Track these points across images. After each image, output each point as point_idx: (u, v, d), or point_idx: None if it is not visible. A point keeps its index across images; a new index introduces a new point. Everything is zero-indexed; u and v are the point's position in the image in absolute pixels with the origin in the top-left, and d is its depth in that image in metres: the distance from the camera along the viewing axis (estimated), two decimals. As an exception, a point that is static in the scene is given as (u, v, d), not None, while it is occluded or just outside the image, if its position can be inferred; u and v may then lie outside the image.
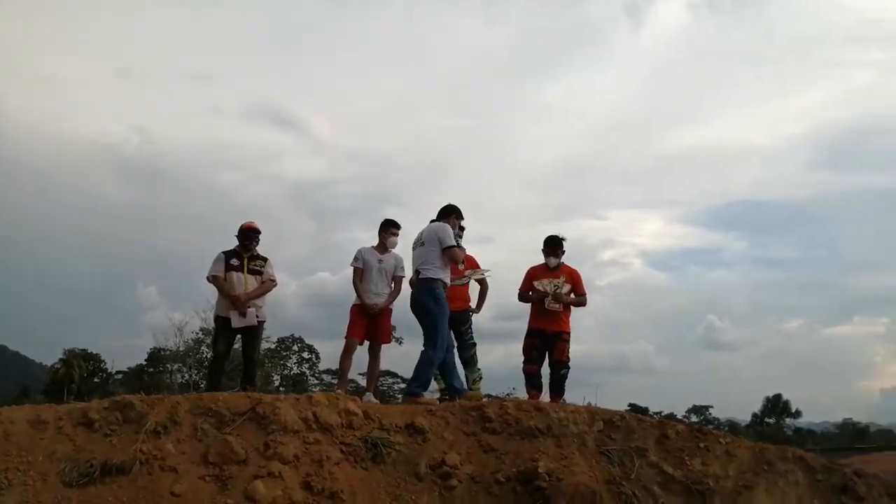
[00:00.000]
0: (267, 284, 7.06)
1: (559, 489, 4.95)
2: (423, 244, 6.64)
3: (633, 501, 5.10)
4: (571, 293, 7.48)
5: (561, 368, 7.30)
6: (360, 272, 7.14)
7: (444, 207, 6.92)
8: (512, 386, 6.87)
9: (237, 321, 6.71)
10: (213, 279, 6.85)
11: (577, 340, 7.51)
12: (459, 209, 6.92)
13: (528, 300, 7.58)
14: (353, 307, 7.15)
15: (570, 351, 7.43)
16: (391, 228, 7.31)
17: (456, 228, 6.83)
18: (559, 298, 7.39)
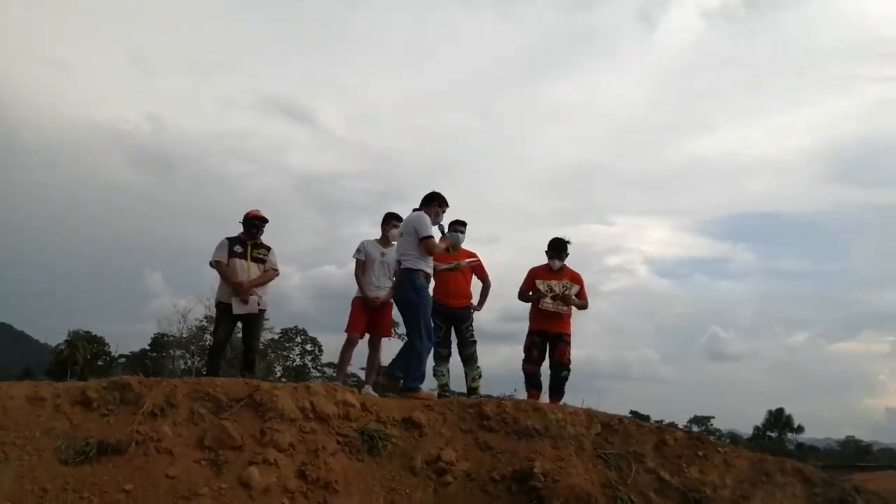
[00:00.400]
0: (269, 273, 7.05)
1: (554, 490, 4.92)
2: (402, 235, 6.63)
3: (628, 506, 5.07)
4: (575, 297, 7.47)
5: (562, 370, 7.27)
6: (362, 264, 7.13)
7: (426, 195, 6.81)
8: (514, 388, 6.86)
9: (238, 308, 6.70)
10: (215, 264, 6.84)
11: (580, 345, 7.50)
12: (442, 196, 6.79)
13: (528, 299, 7.56)
14: (354, 299, 7.14)
15: (570, 353, 7.40)
16: (393, 221, 7.28)
17: (439, 217, 6.74)
18: (568, 300, 7.36)
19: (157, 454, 4.47)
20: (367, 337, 7.17)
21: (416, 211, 6.70)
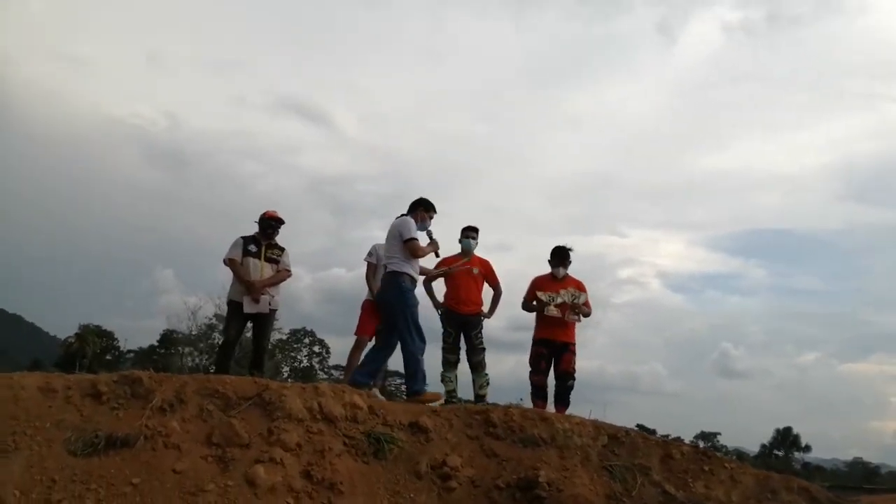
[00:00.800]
0: (282, 273, 7.09)
1: (558, 500, 4.92)
2: (387, 239, 6.61)
3: (632, 519, 5.05)
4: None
5: (568, 379, 7.25)
6: (373, 268, 7.16)
7: (413, 201, 6.76)
8: (520, 397, 6.85)
9: (250, 307, 6.74)
10: (229, 262, 6.88)
11: (589, 357, 7.53)
12: (429, 202, 6.75)
13: (531, 309, 7.55)
14: (364, 302, 7.16)
15: (576, 363, 7.38)
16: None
17: (426, 222, 6.67)
18: (578, 310, 7.36)
19: (164, 449, 4.49)
20: (374, 341, 7.19)
21: (402, 216, 6.67)
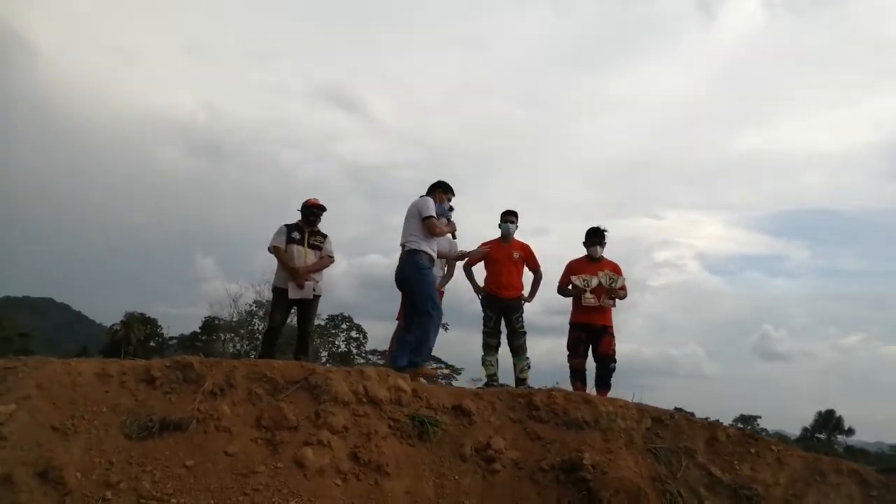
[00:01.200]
0: (325, 260, 7.17)
1: (603, 482, 4.92)
2: (406, 219, 6.61)
3: (677, 501, 5.04)
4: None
5: (610, 362, 7.21)
6: None
7: (432, 183, 6.84)
8: (556, 381, 6.83)
9: (294, 292, 6.85)
10: (274, 250, 6.99)
11: (625, 340, 7.46)
12: (447, 184, 6.84)
13: (566, 294, 7.51)
14: None
15: (615, 345, 7.34)
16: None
17: (445, 203, 6.76)
18: (616, 294, 7.31)
19: (216, 432, 4.62)
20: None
21: (421, 197, 6.69)
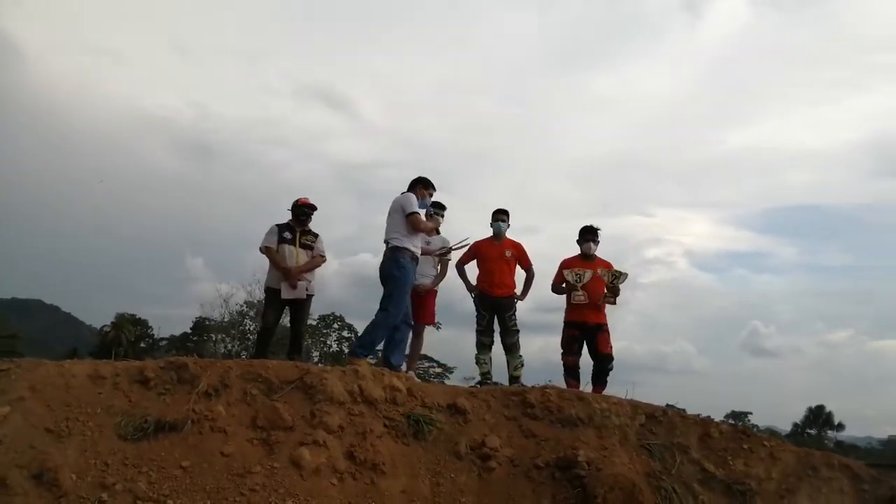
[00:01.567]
0: (317, 259, 7.16)
1: (598, 479, 4.95)
2: (389, 215, 6.57)
3: (672, 497, 5.06)
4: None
5: (609, 361, 7.21)
6: None
7: (413, 179, 6.77)
8: (549, 378, 6.86)
9: (287, 292, 6.83)
10: (265, 250, 6.97)
11: (616, 337, 7.43)
12: (428, 180, 6.76)
13: (560, 292, 7.53)
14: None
15: (611, 342, 7.36)
16: (435, 210, 7.37)
17: (426, 199, 6.72)
18: (617, 292, 7.36)
19: (211, 433, 4.62)
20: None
21: (403, 193, 6.64)
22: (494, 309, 7.37)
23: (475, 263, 7.62)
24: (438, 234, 7.40)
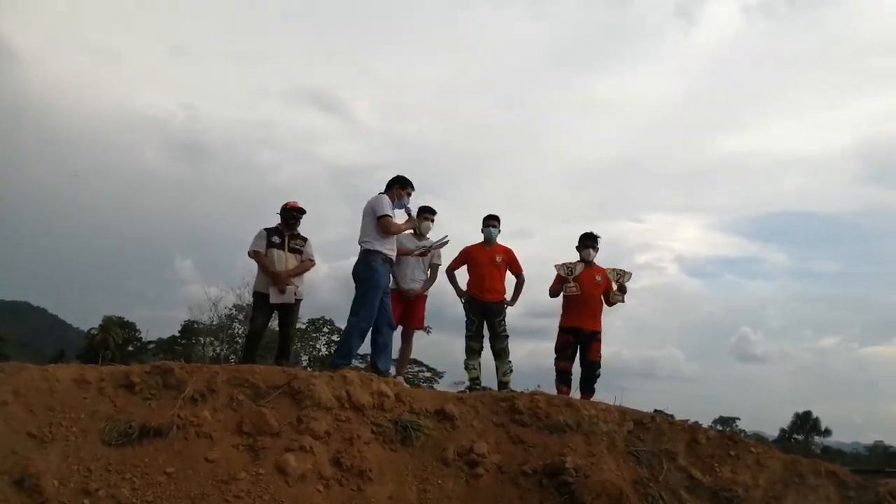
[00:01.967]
0: (306, 263, 7.12)
1: (586, 485, 4.95)
2: (363, 217, 6.48)
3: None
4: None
5: (596, 368, 7.26)
6: (397, 258, 7.17)
7: (390, 179, 6.65)
8: (538, 383, 6.86)
9: (276, 297, 6.79)
10: (254, 254, 6.93)
11: (605, 342, 7.48)
12: (405, 179, 6.62)
13: (557, 293, 7.52)
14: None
15: (601, 351, 7.40)
16: (425, 214, 7.36)
17: (404, 199, 6.59)
18: (625, 290, 7.46)
19: (197, 438, 4.58)
20: (399, 329, 7.23)
21: (380, 194, 6.54)
22: (484, 314, 7.36)
23: (465, 269, 7.61)
24: (426, 237, 7.39)
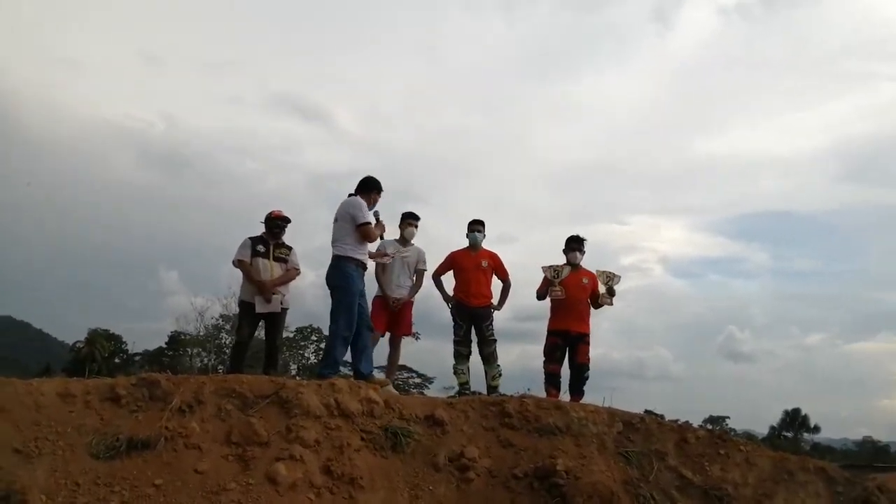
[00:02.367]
0: (291, 272, 7.10)
1: (576, 487, 4.96)
2: (336, 220, 6.32)
3: (650, 504, 5.09)
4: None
5: (585, 371, 7.30)
6: (383, 265, 7.18)
7: (362, 180, 6.46)
8: (528, 387, 6.87)
9: (261, 306, 6.76)
10: (239, 263, 6.90)
11: (593, 344, 7.54)
12: (379, 182, 6.47)
13: (544, 296, 7.56)
14: (375, 299, 7.18)
15: (589, 353, 7.43)
16: (410, 220, 7.37)
17: (376, 204, 6.45)
18: (613, 292, 7.51)
19: (185, 450, 4.54)
20: (387, 335, 7.24)
21: (351, 196, 6.39)
22: (471, 319, 7.37)
23: (451, 274, 7.62)
24: (412, 244, 7.39)
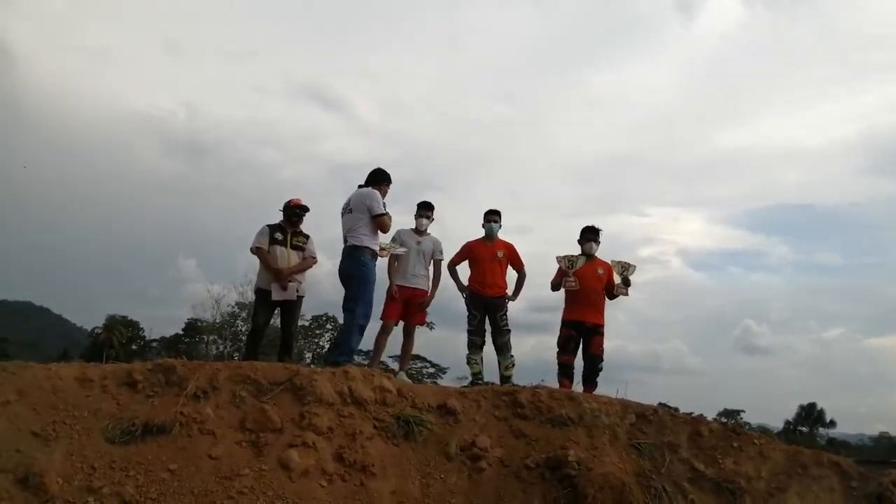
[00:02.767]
0: (309, 261, 7.12)
1: (588, 478, 4.95)
2: (350, 211, 6.46)
3: (662, 496, 5.07)
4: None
5: (598, 362, 7.28)
6: (397, 255, 7.19)
7: (373, 172, 6.67)
8: (541, 377, 6.86)
9: (278, 294, 6.79)
10: (256, 251, 6.92)
11: (609, 336, 7.50)
12: (389, 174, 6.71)
13: (558, 287, 7.54)
14: (389, 287, 7.19)
15: (604, 344, 7.41)
16: (424, 210, 7.38)
17: (385, 196, 6.64)
18: (629, 283, 7.48)
19: (200, 435, 4.59)
20: (401, 324, 7.25)
21: (363, 187, 6.56)
22: (486, 309, 7.37)
23: (466, 264, 7.62)
24: (428, 234, 7.40)
